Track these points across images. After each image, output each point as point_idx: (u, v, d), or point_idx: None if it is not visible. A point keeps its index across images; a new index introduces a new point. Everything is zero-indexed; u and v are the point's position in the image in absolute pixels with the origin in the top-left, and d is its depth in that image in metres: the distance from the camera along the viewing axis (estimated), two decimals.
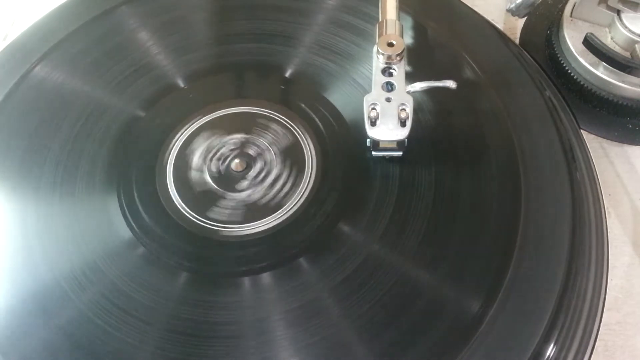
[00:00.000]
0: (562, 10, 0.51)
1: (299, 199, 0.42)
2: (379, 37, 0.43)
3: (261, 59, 0.49)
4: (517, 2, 0.53)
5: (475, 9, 0.52)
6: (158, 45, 0.51)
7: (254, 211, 0.42)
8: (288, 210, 0.42)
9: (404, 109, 0.41)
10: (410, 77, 0.43)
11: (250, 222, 0.42)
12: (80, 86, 0.49)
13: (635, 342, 0.41)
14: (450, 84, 0.42)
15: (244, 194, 0.43)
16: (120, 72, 0.49)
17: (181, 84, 0.49)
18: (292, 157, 0.44)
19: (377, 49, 0.42)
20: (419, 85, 0.42)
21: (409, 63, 0.45)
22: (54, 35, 0.51)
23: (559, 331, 0.36)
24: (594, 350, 0.40)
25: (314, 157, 0.44)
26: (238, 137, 0.46)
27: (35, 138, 0.46)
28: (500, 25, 0.56)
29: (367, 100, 0.41)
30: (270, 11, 0.52)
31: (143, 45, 0.51)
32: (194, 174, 0.44)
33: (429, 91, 0.44)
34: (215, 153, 0.45)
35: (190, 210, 0.42)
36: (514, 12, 0.54)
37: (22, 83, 0.49)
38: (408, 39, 0.49)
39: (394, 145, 0.42)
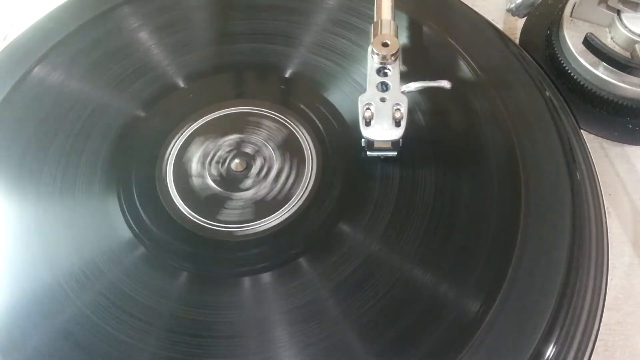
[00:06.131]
0: (562, 10, 0.51)
1: (299, 199, 0.42)
2: (373, 37, 0.43)
3: (261, 59, 0.49)
4: (517, 2, 0.53)
5: (475, 9, 0.52)
6: (158, 45, 0.51)
7: (254, 211, 0.42)
8: (288, 210, 0.42)
9: (399, 109, 0.40)
10: (412, 78, 0.43)
11: (250, 222, 0.42)
12: (80, 86, 0.49)
13: (635, 342, 0.41)
14: (445, 84, 0.42)
15: (243, 194, 0.43)
16: (120, 72, 0.49)
17: (181, 84, 0.49)
18: (291, 157, 0.44)
19: (372, 49, 0.42)
20: (413, 86, 0.42)
21: (410, 63, 0.45)
22: (54, 35, 0.51)
23: (559, 331, 0.36)
24: (594, 350, 0.40)
25: (314, 157, 0.44)
26: (238, 137, 0.46)
27: (35, 138, 0.46)
28: (500, 25, 0.56)
29: (362, 100, 0.41)
30: (270, 11, 0.52)
31: (143, 46, 0.51)
32: (193, 174, 0.44)
33: (430, 92, 0.44)
34: (215, 153, 0.45)
35: (190, 210, 0.42)
36: (514, 12, 0.54)
37: (22, 83, 0.49)
38: (409, 39, 0.49)
39: (389, 145, 0.42)
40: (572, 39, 0.49)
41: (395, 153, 0.42)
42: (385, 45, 0.42)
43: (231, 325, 0.38)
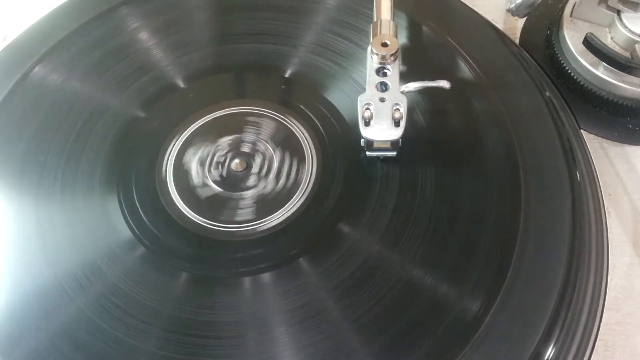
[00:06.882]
0: (562, 10, 0.51)
1: (299, 199, 0.42)
2: (373, 37, 0.43)
3: (261, 59, 0.49)
4: (517, 2, 0.53)
5: (475, 9, 0.52)
6: (158, 45, 0.51)
7: (254, 211, 0.42)
8: (288, 210, 0.42)
9: (398, 109, 0.41)
10: (411, 77, 0.43)
11: (250, 222, 0.42)
12: (80, 86, 0.49)
13: (635, 342, 0.41)
14: (444, 84, 0.42)
15: (243, 194, 0.43)
16: (120, 72, 0.49)
17: (181, 84, 0.49)
18: (291, 157, 0.44)
19: (371, 49, 0.42)
20: (412, 86, 0.42)
21: (411, 63, 0.45)
22: (54, 35, 0.51)
23: (559, 331, 0.36)
24: (594, 350, 0.40)
25: (314, 157, 0.44)
26: (238, 137, 0.46)
27: (36, 138, 0.46)
28: (500, 25, 0.56)
29: (361, 100, 0.41)
30: (270, 11, 0.52)
31: (143, 46, 0.51)
32: (193, 174, 0.44)
33: (430, 92, 0.44)
34: (216, 153, 0.45)
35: (190, 210, 0.42)
36: (514, 12, 0.54)
37: (22, 83, 0.49)
38: (408, 39, 0.49)
39: (388, 145, 0.42)
40: (572, 39, 0.49)
41: (394, 153, 0.42)
42: (384, 45, 0.42)
43: (231, 325, 0.38)
